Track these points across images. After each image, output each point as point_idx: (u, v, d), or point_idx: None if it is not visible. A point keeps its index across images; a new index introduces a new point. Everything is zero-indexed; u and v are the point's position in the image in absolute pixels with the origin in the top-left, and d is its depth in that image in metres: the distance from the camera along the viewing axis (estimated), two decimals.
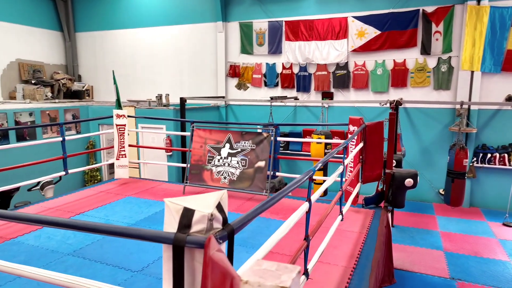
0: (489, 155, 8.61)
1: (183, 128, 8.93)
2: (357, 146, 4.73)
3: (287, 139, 9.06)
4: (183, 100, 9.14)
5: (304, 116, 10.38)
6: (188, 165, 5.82)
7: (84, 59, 13.20)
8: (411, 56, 9.22)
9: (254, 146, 5.45)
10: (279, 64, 10.55)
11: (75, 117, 10.68)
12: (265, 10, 10.45)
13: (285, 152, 10.28)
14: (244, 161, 5.46)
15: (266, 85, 10.78)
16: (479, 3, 8.25)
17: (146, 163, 9.53)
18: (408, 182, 5.03)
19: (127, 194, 5.77)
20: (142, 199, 5.55)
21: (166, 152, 9.49)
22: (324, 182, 3.46)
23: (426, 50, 9.02)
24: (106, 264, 3.50)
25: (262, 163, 5.37)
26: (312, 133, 8.82)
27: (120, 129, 6.32)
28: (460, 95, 8.71)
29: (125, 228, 1.53)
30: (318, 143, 7.35)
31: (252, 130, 5.81)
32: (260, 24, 10.56)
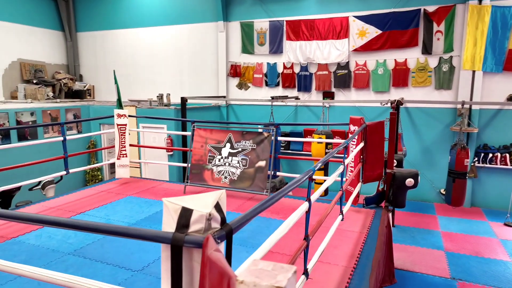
0: (490, 155, 8.60)
1: (184, 128, 8.95)
2: (357, 146, 4.72)
3: (288, 138, 9.06)
4: (184, 100, 9.15)
5: (305, 115, 10.37)
6: (189, 164, 5.82)
7: (85, 59, 13.22)
8: (412, 56, 9.20)
9: (254, 146, 5.45)
10: (280, 63, 10.54)
11: (76, 116, 10.69)
12: (266, 9, 10.45)
13: (286, 152, 10.29)
14: (244, 160, 5.46)
15: (267, 84, 10.78)
16: (480, 3, 8.22)
17: (147, 163, 9.55)
18: (409, 182, 5.03)
19: (128, 194, 5.78)
20: (143, 198, 5.55)
21: (167, 151, 9.50)
22: (324, 182, 3.46)
23: (427, 50, 9.00)
24: (107, 264, 3.50)
25: (262, 163, 5.37)
26: (313, 132, 8.83)
27: (121, 128, 6.33)
28: (462, 95, 8.69)
29: (123, 228, 1.53)
30: (319, 143, 7.35)
31: (252, 130, 5.82)
32: (261, 24, 10.56)
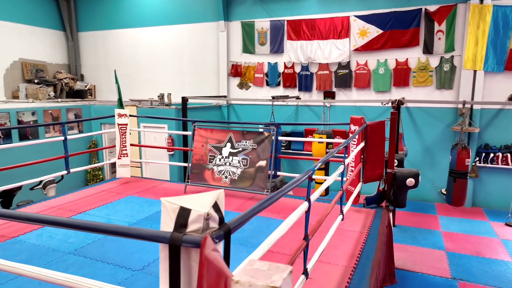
0: (491, 155, 8.58)
1: (185, 128, 8.96)
2: (358, 146, 4.72)
3: (289, 138, 9.06)
4: (185, 100, 9.16)
5: (306, 115, 10.37)
6: (190, 164, 5.83)
7: (86, 59, 13.24)
8: (413, 55, 9.18)
9: (255, 146, 5.45)
10: (281, 63, 10.54)
11: (78, 116, 10.71)
12: (267, 9, 10.44)
13: (287, 151, 10.28)
14: (245, 160, 5.46)
15: (268, 84, 10.78)
16: (482, 2, 8.20)
17: (147, 162, 9.56)
18: (410, 181, 5.02)
19: (129, 193, 5.78)
20: (144, 198, 5.56)
21: (167, 151, 9.50)
22: (325, 181, 3.45)
23: (428, 49, 8.98)
24: (107, 263, 3.51)
25: (263, 163, 5.37)
26: (314, 132, 8.83)
27: (121, 128, 6.34)
28: (463, 95, 8.67)
29: (121, 228, 1.53)
30: (320, 142, 7.35)
31: (253, 130, 5.81)
32: (262, 24, 10.55)
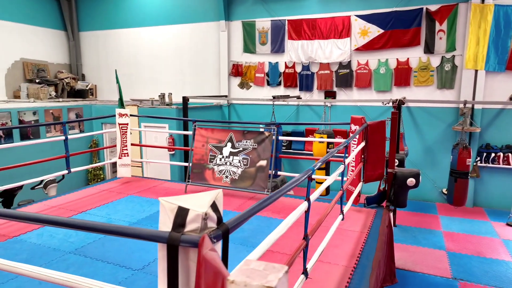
0: (493, 155, 8.57)
1: (185, 127, 8.97)
2: (359, 145, 4.72)
3: (290, 138, 9.05)
4: (185, 99, 9.17)
5: (307, 115, 10.36)
6: (190, 164, 5.83)
7: (87, 58, 13.26)
8: (414, 55, 9.17)
9: (255, 145, 5.45)
10: (282, 63, 10.53)
11: (79, 116, 10.72)
12: (267, 9, 10.44)
13: (287, 151, 10.28)
14: (245, 160, 5.46)
15: (268, 84, 10.77)
16: (483, 2, 8.17)
17: (148, 162, 9.56)
18: (410, 181, 5.02)
19: (129, 193, 5.79)
20: (144, 197, 5.57)
21: (168, 151, 9.51)
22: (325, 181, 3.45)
23: (429, 49, 8.96)
24: (107, 263, 3.52)
25: (263, 162, 5.37)
26: (314, 132, 8.82)
27: (122, 128, 6.34)
28: (464, 94, 8.65)
29: (120, 227, 1.54)
30: (321, 142, 7.34)
31: (254, 129, 5.81)
32: (263, 23, 10.55)
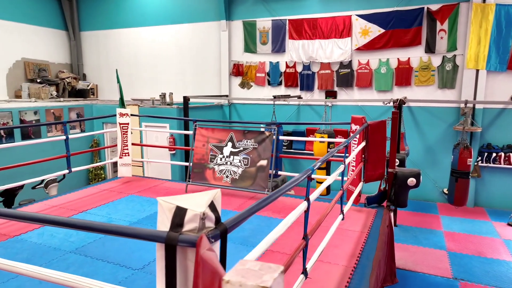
0: (494, 155, 8.55)
1: (186, 127, 8.97)
2: (359, 145, 4.71)
3: (290, 138, 9.05)
4: (186, 99, 9.17)
5: (308, 115, 10.35)
6: (191, 163, 5.83)
7: (88, 58, 13.28)
8: (415, 55, 9.15)
9: (256, 145, 5.45)
10: (283, 62, 10.53)
11: (80, 115, 10.74)
12: (268, 8, 10.43)
13: (288, 151, 10.28)
14: (246, 160, 5.46)
15: (269, 83, 10.77)
16: (484, 1, 8.16)
17: (149, 162, 9.58)
18: (411, 181, 5.01)
19: (130, 193, 5.80)
20: (145, 197, 5.57)
21: (169, 150, 9.52)
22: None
23: (430, 49, 8.95)
24: (108, 262, 3.52)
25: (264, 162, 5.37)
26: (315, 132, 8.82)
27: (123, 127, 6.35)
28: (465, 94, 8.64)
29: (118, 227, 1.54)
30: (321, 142, 7.34)
31: (254, 129, 5.81)
32: (264, 23, 10.54)
